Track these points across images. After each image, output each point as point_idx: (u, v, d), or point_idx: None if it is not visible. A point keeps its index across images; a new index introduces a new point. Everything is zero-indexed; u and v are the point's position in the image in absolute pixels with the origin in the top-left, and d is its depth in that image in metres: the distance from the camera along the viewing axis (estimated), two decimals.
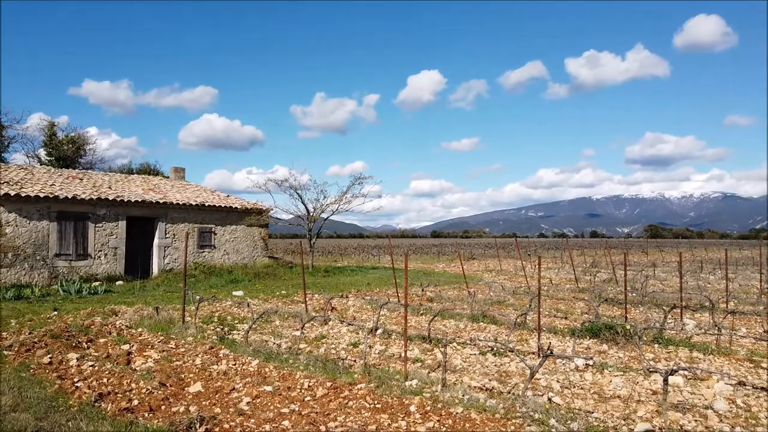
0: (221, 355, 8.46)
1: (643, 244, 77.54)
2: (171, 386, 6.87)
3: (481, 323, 11.82)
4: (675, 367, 5.84)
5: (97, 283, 17.02)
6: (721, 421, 5.87)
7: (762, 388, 7.00)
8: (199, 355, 8.40)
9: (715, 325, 9.79)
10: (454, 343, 9.65)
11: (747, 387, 7.09)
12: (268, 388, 6.77)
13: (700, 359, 8.68)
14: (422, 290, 16.95)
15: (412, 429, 5.45)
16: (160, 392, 6.57)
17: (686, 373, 7.48)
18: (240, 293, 16.64)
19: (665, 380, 5.55)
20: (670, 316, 11.46)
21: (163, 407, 6.15)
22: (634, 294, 15.96)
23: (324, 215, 26.35)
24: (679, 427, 5.64)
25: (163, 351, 8.65)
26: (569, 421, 5.58)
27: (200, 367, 7.79)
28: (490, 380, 7.44)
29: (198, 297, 11.26)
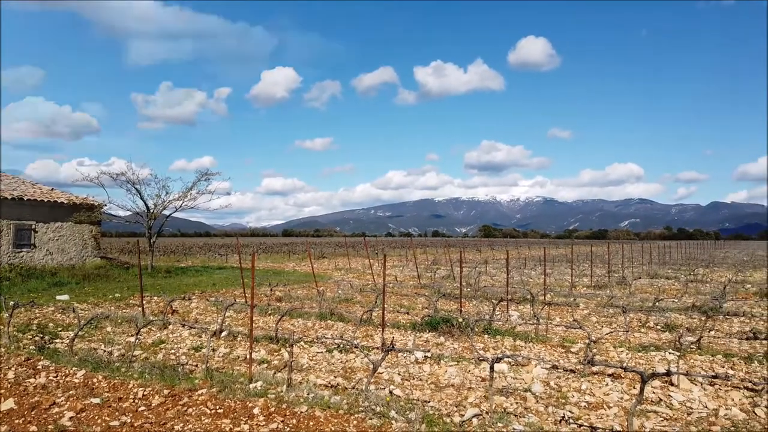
0: (40, 366, 7.59)
1: (477, 243, 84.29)
2: None
3: (330, 321, 11.98)
4: (500, 356, 6.45)
5: None
6: (537, 402, 6.61)
7: (571, 371, 8.02)
8: (13, 368, 7.45)
9: (535, 316, 11.00)
10: (302, 342, 9.68)
11: (559, 370, 8.07)
12: (96, 401, 6.22)
13: (522, 347, 9.68)
14: (271, 290, 16.74)
15: None
16: None
17: (510, 360, 8.31)
18: (65, 297, 15.01)
19: (491, 368, 6.12)
20: (498, 309, 12.61)
21: None
22: (468, 289, 17.31)
23: (166, 212, 24.76)
24: (502, 410, 6.24)
25: None
26: (408, 412, 5.91)
27: (13, 382, 6.91)
28: (335, 377, 7.59)
29: (12, 302, 9.95)
